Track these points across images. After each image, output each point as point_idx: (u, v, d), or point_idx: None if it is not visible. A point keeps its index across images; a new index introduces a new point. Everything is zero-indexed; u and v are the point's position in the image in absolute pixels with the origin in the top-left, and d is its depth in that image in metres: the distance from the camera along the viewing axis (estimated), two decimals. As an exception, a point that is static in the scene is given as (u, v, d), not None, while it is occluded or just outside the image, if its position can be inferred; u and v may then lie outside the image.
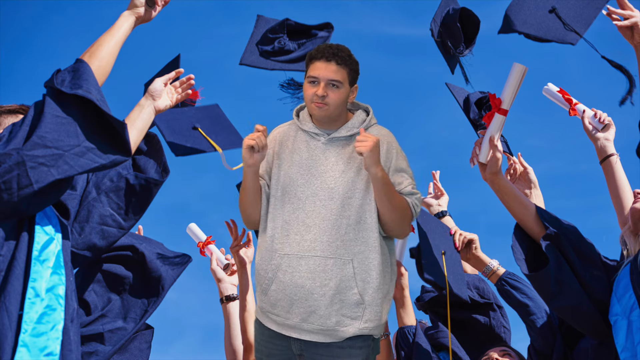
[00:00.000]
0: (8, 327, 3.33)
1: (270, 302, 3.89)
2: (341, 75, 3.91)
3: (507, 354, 4.54)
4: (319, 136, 3.98)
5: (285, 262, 3.85)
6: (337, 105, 3.92)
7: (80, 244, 3.91)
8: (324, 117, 3.95)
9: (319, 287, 3.80)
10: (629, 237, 4.22)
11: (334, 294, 3.79)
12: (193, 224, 5.60)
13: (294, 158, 3.96)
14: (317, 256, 3.82)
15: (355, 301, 3.81)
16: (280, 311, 3.87)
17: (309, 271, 3.81)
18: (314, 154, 3.95)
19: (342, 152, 3.94)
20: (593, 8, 4.18)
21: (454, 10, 4.79)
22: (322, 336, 3.84)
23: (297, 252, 3.84)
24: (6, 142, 3.43)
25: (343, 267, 3.81)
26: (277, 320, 3.89)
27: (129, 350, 4.15)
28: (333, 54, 3.91)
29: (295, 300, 3.83)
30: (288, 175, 3.93)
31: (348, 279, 3.80)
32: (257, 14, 5.19)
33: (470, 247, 4.72)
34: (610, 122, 4.67)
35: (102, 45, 3.78)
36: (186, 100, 4.49)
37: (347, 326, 3.81)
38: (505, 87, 4.28)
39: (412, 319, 4.82)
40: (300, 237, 3.85)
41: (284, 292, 3.84)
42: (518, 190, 4.49)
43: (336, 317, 3.81)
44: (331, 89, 3.90)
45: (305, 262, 3.82)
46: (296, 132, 4.03)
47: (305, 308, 3.82)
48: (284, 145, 4.01)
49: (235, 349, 5.10)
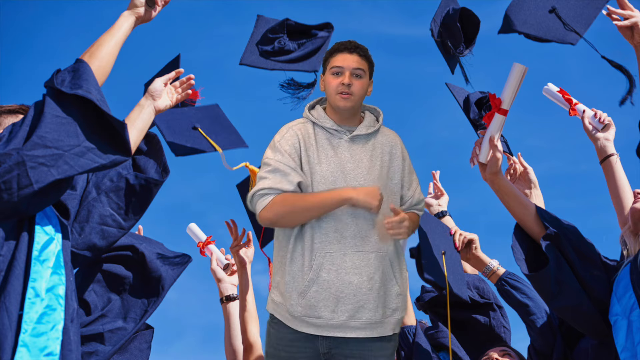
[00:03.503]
0: (8, 327, 3.33)
1: (308, 304, 3.83)
2: (364, 65, 4.01)
3: (507, 354, 4.54)
4: (340, 133, 3.99)
5: (329, 261, 3.84)
6: (360, 95, 4.00)
7: (80, 244, 3.91)
8: (349, 109, 3.98)
9: (367, 280, 3.84)
10: (629, 237, 4.22)
11: (379, 287, 3.86)
12: (193, 224, 5.60)
13: (320, 156, 3.94)
14: (360, 252, 3.86)
15: (396, 292, 3.91)
16: (323, 312, 3.83)
17: (354, 267, 3.84)
18: (339, 152, 3.95)
19: (365, 149, 3.98)
20: (593, 8, 4.18)
21: (454, 10, 4.79)
22: (369, 331, 3.87)
23: (339, 249, 3.85)
24: (6, 142, 3.43)
25: (382, 260, 3.88)
26: (318, 322, 3.85)
27: (129, 350, 4.15)
28: (355, 46, 4.03)
29: (341, 298, 3.83)
30: (320, 174, 3.91)
31: (388, 272, 3.90)
32: (257, 14, 5.19)
33: (470, 247, 4.72)
34: (610, 122, 4.67)
35: (102, 45, 3.78)
36: (186, 100, 4.49)
37: (389, 316, 3.90)
38: (505, 87, 4.28)
39: (412, 319, 4.82)
40: (340, 234, 3.86)
41: (329, 291, 3.83)
42: (518, 190, 4.49)
43: (382, 309, 3.87)
44: (355, 79, 3.98)
45: (349, 259, 3.85)
46: (314, 129, 4.00)
47: (353, 304, 3.83)
48: (308, 143, 3.95)
49: (235, 349, 5.10)
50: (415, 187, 4.05)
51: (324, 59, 4.07)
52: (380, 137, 4.02)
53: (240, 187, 5.15)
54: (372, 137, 4.01)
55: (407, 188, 4.02)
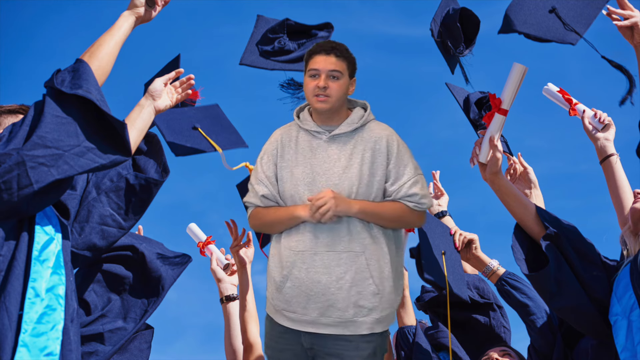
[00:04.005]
0: (8, 327, 3.33)
1: (284, 299, 3.95)
2: (341, 66, 3.99)
3: (507, 354, 4.54)
4: (320, 134, 4.03)
5: (300, 259, 3.92)
6: (338, 96, 3.99)
7: (80, 244, 3.91)
8: (326, 110, 4.00)
9: (335, 280, 3.87)
10: (629, 237, 4.22)
11: (350, 287, 3.87)
12: (193, 224, 5.60)
13: (298, 158, 4.01)
14: (331, 251, 3.90)
15: (372, 292, 3.89)
16: (296, 308, 3.93)
17: (324, 266, 3.89)
18: (317, 152, 4.00)
19: (344, 149, 3.99)
20: (593, 8, 4.18)
21: (454, 10, 4.79)
22: (341, 328, 3.91)
23: (310, 248, 3.91)
24: (6, 142, 3.43)
25: (355, 260, 3.89)
26: (293, 317, 3.95)
27: (129, 350, 4.15)
28: (332, 47, 4.02)
29: (311, 296, 3.89)
30: (295, 176, 3.99)
31: (362, 271, 3.88)
32: (257, 14, 5.19)
33: (470, 247, 4.72)
34: (610, 122, 4.67)
35: (102, 45, 3.78)
36: (186, 100, 4.49)
37: (365, 316, 3.89)
38: (505, 87, 4.28)
39: (412, 319, 4.82)
40: (314, 234, 3.92)
41: (300, 289, 3.91)
42: (518, 190, 4.49)
43: (354, 308, 3.88)
44: (332, 80, 3.98)
45: (319, 258, 3.89)
46: (298, 132, 4.08)
47: (322, 303, 3.89)
48: (287, 147, 4.06)
49: (235, 349, 5.10)
50: (404, 181, 3.96)
51: (305, 61, 4.07)
52: (365, 133, 4.02)
53: (240, 187, 5.15)
54: (356, 134, 4.01)
55: (391, 183, 3.97)
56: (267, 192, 4.03)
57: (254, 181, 4.08)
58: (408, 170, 3.98)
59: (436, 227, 4.68)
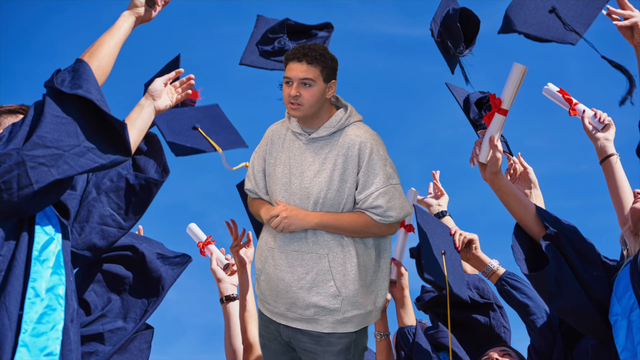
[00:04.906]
0: (8, 327, 3.33)
1: (261, 291, 4.15)
2: (313, 73, 3.95)
3: (507, 354, 4.54)
4: (301, 136, 4.07)
5: (270, 255, 4.05)
6: (311, 104, 3.97)
7: (80, 244, 3.91)
8: (300, 117, 4.03)
9: (297, 280, 3.97)
10: (629, 237, 4.22)
11: (310, 287, 3.95)
12: (193, 224, 5.60)
13: (281, 157, 4.09)
14: (295, 251, 3.99)
15: (332, 293, 3.95)
16: (269, 300, 4.10)
17: (288, 265, 3.99)
18: (295, 154, 4.05)
19: (320, 153, 4.01)
20: (593, 8, 4.18)
21: (454, 10, 4.79)
22: (305, 324, 4.02)
23: (279, 246, 4.02)
24: (6, 142, 3.43)
25: (319, 261, 3.96)
26: (269, 307, 4.13)
27: (129, 350, 4.15)
28: (304, 54, 3.96)
29: (278, 292, 4.03)
30: (276, 175, 4.08)
31: (324, 272, 3.95)
32: (257, 14, 5.19)
33: (470, 247, 4.72)
34: (610, 122, 4.67)
35: (102, 45, 3.78)
36: (186, 100, 4.48)
37: (325, 315, 3.98)
38: (505, 87, 4.28)
39: (412, 319, 4.82)
40: (284, 234, 4.02)
41: (270, 283, 4.06)
42: (518, 190, 4.49)
43: (314, 308, 3.97)
44: (304, 88, 3.95)
45: (285, 256, 4.00)
46: (287, 131, 4.14)
47: (287, 299, 4.02)
48: (276, 144, 4.13)
49: (235, 349, 5.10)
50: (372, 191, 3.94)
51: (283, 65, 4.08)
52: (342, 138, 4.00)
53: (240, 187, 5.14)
54: (333, 138, 4.01)
55: (359, 191, 3.96)
56: (250, 186, 4.22)
57: (247, 173, 4.27)
58: (377, 180, 3.93)
59: (436, 227, 4.68)
